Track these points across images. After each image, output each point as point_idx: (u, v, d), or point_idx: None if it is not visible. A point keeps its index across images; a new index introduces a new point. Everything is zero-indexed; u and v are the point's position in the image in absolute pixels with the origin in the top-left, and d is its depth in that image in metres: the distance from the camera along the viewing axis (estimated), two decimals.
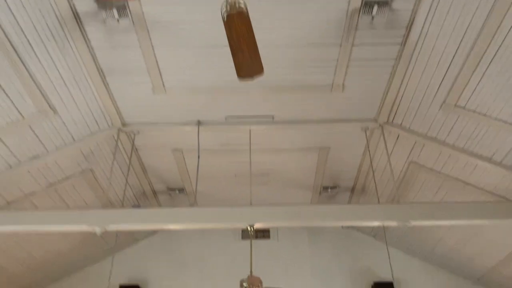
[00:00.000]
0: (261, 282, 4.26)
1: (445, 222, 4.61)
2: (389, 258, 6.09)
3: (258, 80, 4.76)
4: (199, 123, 5.31)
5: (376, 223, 4.63)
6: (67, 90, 4.58)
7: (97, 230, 4.49)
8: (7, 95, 4.21)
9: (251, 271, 4.33)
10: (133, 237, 7.49)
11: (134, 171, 6.12)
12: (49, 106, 4.60)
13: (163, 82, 4.75)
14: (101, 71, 4.57)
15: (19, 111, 4.42)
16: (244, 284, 4.28)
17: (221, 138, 5.62)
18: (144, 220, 4.61)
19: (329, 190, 6.73)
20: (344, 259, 7.39)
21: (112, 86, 4.79)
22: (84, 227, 4.54)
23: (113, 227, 4.59)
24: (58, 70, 4.34)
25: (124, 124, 5.33)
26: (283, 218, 4.63)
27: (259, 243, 7.63)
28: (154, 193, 6.77)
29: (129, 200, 6.51)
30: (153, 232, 7.71)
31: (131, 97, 4.96)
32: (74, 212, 4.85)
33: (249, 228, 4.50)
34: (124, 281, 7.12)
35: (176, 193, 6.73)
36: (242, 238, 7.64)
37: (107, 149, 5.55)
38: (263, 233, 7.78)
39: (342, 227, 7.73)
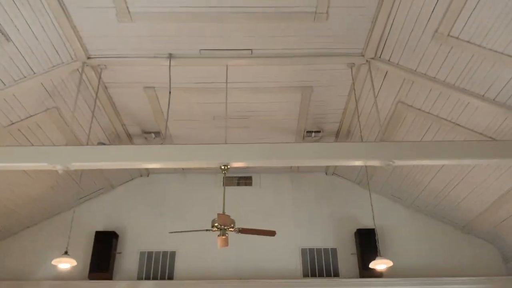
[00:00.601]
0: (233, 222, 4.03)
1: (430, 161, 4.33)
2: (371, 205, 5.88)
3: (235, 7, 4.35)
4: (170, 56, 4.89)
5: (358, 162, 4.34)
6: (20, 13, 4.11)
7: (59, 168, 4.15)
8: None
9: (223, 210, 4.07)
10: (109, 183, 7.21)
11: (105, 111, 5.73)
12: (0, 32, 4.15)
13: (127, 7, 4.28)
14: None
15: None
16: (216, 224, 4.05)
17: (195, 73, 5.21)
18: (109, 158, 4.25)
19: (313, 134, 6.44)
20: (327, 206, 7.22)
21: (71, 11, 4.32)
22: (45, 165, 4.20)
23: (76, 166, 4.25)
24: None
25: (89, 57, 4.88)
26: (260, 157, 4.31)
27: (242, 189, 7.43)
28: (129, 136, 6.42)
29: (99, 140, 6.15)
30: (130, 178, 7.44)
31: (94, 24, 4.49)
32: (34, 149, 4.51)
33: (222, 167, 4.21)
34: (101, 228, 6.91)
35: (152, 137, 6.38)
36: (223, 184, 7.39)
37: (72, 85, 5.13)
38: (245, 180, 7.55)
39: (326, 173, 7.52)
